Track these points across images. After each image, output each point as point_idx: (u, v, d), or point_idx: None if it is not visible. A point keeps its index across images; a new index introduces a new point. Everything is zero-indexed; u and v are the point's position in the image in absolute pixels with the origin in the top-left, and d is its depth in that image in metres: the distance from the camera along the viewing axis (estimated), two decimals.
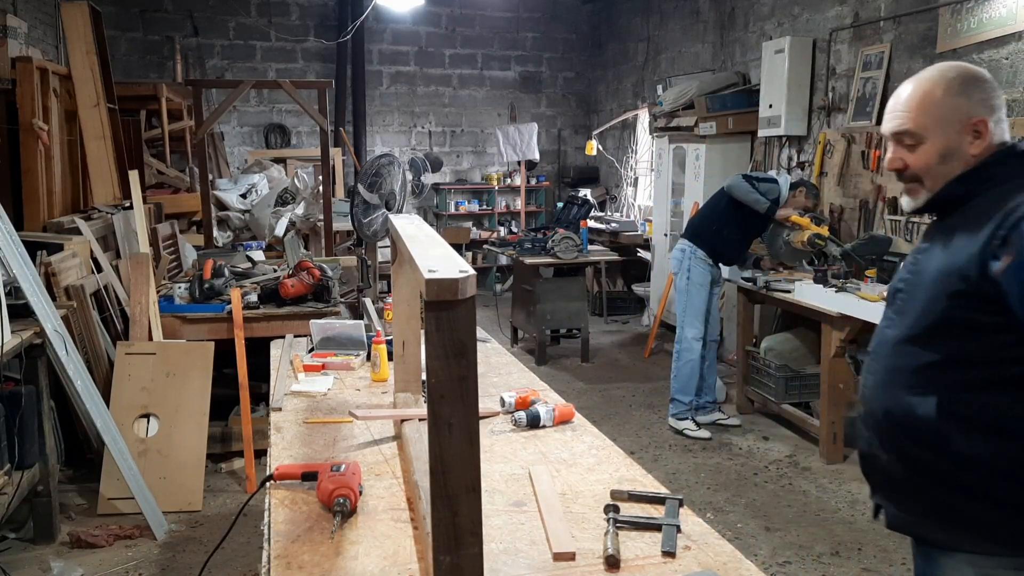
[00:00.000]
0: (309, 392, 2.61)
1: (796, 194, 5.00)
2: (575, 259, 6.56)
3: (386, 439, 2.19)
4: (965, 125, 1.57)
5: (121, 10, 8.51)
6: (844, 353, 4.46)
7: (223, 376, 4.43)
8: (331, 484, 1.72)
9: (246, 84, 5.97)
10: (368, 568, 1.50)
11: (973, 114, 1.57)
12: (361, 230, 4.38)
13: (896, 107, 1.64)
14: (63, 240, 4.29)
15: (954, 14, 4.59)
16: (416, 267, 1.32)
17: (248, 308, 4.35)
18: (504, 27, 10.06)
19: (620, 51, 9.52)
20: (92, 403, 3.61)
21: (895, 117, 1.63)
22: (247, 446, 4.12)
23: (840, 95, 5.64)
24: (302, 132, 9.45)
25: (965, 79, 1.59)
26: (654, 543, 1.60)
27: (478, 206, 10.01)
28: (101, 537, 3.53)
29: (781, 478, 4.34)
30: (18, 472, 3.31)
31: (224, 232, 6.69)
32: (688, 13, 7.89)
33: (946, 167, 1.59)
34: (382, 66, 9.69)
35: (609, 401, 5.70)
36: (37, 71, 4.68)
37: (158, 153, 7.23)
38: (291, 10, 9.27)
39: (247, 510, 2.43)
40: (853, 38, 5.52)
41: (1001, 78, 4.32)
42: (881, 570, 3.39)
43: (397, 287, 2.31)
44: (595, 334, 7.42)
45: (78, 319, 4.03)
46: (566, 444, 2.14)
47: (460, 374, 1.20)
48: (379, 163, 4.31)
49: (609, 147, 9.65)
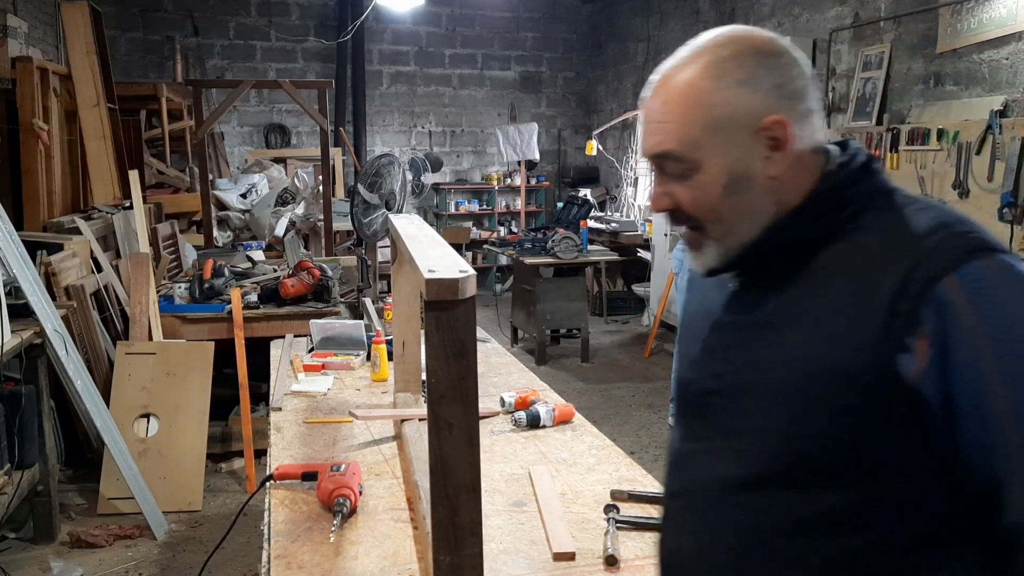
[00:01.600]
0: (309, 392, 2.61)
1: None
2: (575, 259, 6.56)
3: (386, 439, 2.19)
4: (754, 132, 0.97)
5: (121, 10, 8.50)
6: None
7: (223, 376, 4.43)
8: (331, 484, 1.72)
9: (246, 84, 5.97)
10: (368, 568, 1.50)
11: (764, 111, 0.97)
12: (361, 230, 4.38)
13: (651, 115, 1.03)
14: (63, 240, 4.29)
15: (954, 14, 4.59)
16: (416, 267, 1.32)
17: (248, 308, 4.35)
18: (504, 27, 10.06)
19: (620, 51, 9.52)
20: (92, 403, 3.61)
21: (652, 132, 1.02)
22: (247, 446, 4.12)
23: (840, 95, 5.64)
24: (302, 132, 9.45)
25: (745, 54, 0.98)
26: (654, 543, 1.60)
27: (478, 206, 10.01)
28: (101, 537, 3.53)
29: None
30: (18, 472, 3.31)
31: (224, 232, 6.69)
32: (688, 13, 7.89)
33: (738, 202, 0.99)
34: (382, 66, 9.68)
35: (609, 401, 5.70)
36: (37, 71, 4.68)
37: (158, 153, 7.23)
38: (291, 10, 9.27)
39: (247, 510, 2.43)
40: (853, 38, 5.52)
41: (1001, 78, 4.32)
42: None
43: (397, 287, 2.31)
44: (595, 334, 7.42)
45: (78, 319, 4.03)
46: (566, 444, 2.14)
47: (460, 374, 1.20)
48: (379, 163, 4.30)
49: (609, 147, 9.65)
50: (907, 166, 4.82)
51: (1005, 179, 4.13)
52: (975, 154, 4.32)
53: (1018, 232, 4.09)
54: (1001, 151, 4.16)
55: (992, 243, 0.91)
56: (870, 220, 0.96)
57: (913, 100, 4.95)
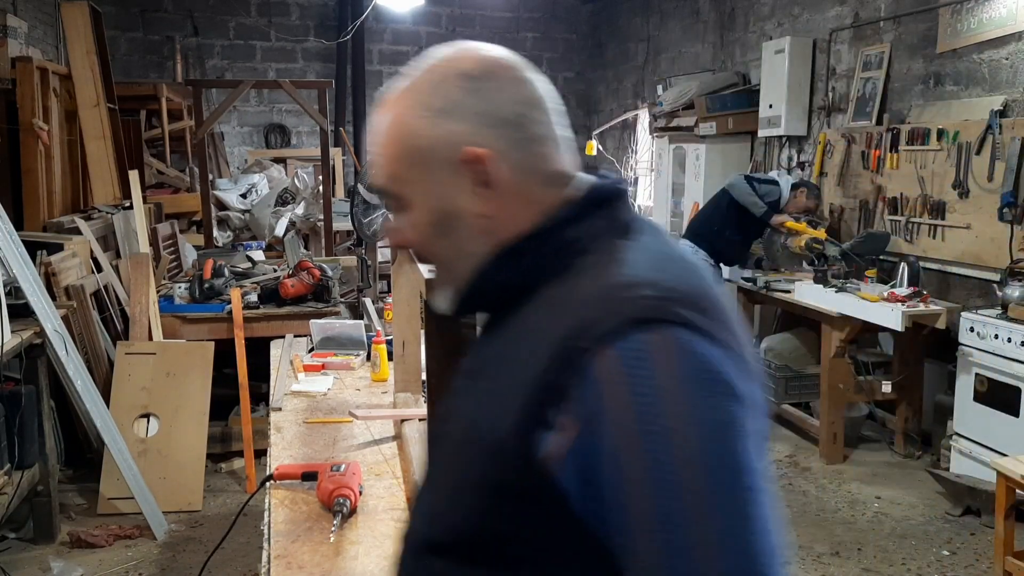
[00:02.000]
0: (309, 392, 2.61)
1: (797, 195, 5.00)
2: None
3: (386, 439, 2.19)
4: (456, 165, 0.85)
5: (121, 10, 8.50)
6: (844, 353, 4.46)
7: (223, 376, 4.43)
8: (331, 484, 1.72)
9: (246, 84, 5.97)
10: (368, 568, 1.50)
11: (466, 142, 0.84)
12: (361, 230, 4.38)
13: (371, 145, 0.92)
14: (63, 240, 4.29)
15: (954, 14, 4.59)
16: (416, 267, 1.32)
17: (248, 308, 4.35)
18: (504, 27, 10.06)
19: (620, 51, 9.52)
20: (92, 403, 3.61)
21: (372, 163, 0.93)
22: (247, 446, 4.12)
23: (840, 95, 5.64)
24: (302, 132, 9.45)
25: (448, 80, 0.86)
26: None
27: None
28: (101, 537, 3.53)
29: (781, 478, 4.34)
30: (18, 472, 3.31)
31: (224, 232, 6.69)
32: (688, 13, 7.89)
33: (449, 242, 0.88)
34: (382, 66, 9.68)
35: None
36: (37, 71, 4.68)
37: (158, 153, 7.24)
38: (291, 10, 9.27)
39: (247, 510, 2.43)
40: (853, 38, 5.52)
41: (1001, 78, 4.32)
42: (881, 570, 3.39)
43: (397, 287, 2.32)
44: None
45: (78, 319, 4.03)
46: None
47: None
48: None
49: (609, 147, 9.64)
50: (907, 166, 4.82)
51: (1005, 179, 4.13)
52: (975, 154, 4.32)
53: (1018, 232, 4.09)
54: (1001, 151, 4.16)
55: (672, 313, 0.74)
56: (586, 264, 0.82)
57: (913, 100, 4.95)
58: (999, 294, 3.91)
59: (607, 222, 0.86)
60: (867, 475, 4.34)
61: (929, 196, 4.66)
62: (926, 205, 4.67)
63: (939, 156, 4.57)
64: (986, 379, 3.82)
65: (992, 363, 3.78)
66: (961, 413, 4.00)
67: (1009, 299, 3.79)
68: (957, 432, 4.02)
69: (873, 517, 3.86)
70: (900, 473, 4.36)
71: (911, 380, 4.54)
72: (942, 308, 4.12)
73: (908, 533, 3.69)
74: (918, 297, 4.16)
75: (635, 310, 0.74)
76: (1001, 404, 3.74)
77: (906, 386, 4.53)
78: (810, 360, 4.99)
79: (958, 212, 4.46)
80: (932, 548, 3.55)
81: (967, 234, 4.41)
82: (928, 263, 4.62)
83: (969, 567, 3.40)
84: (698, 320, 0.74)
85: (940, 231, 4.60)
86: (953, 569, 3.39)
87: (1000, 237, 4.18)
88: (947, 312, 4.11)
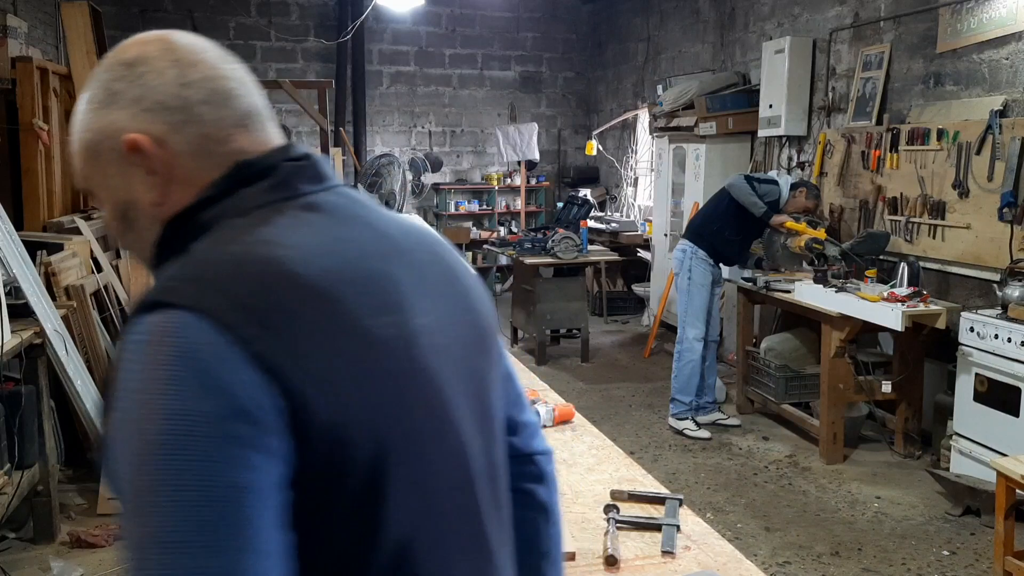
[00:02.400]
0: None
1: (797, 195, 5.00)
2: (575, 259, 6.56)
3: None
4: (123, 155, 0.84)
5: (121, 10, 8.51)
6: (844, 353, 4.46)
7: None
8: None
9: None
10: None
11: (126, 130, 0.83)
12: None
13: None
14: (63, 240, 4.29)
15: (954, 14, 4.59)
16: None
17: None
18: (504, 27, 10.06)
19: (620, 51, 9.52)
20: (92, 403, 3.61)
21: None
22: None
23: (840, 95, 5.64)
24: (302, 132, 9.45)
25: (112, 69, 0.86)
26: (654, 543, 1.60)
27: (478, 206, 10.01)
28: (101, 537, 3.53)
29: (781, 478, 4.34)
30: (18, 472, 3.31)
31: None
32: (688, 13, 7.89)
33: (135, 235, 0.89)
34: (382, 66, 9.68)
35: (609, 401, 5.70)
36: (37, 71, 4.68)
37: None
38: (291, 10, 9.28)
39: None
40: (853, 38, 5.52)
41: (1001, 78, 4.32)
42: (881, 570, 3.39)
43: None
44: (595, 334, 7.42)
45: (78, 319, 4.03)
46: (566, 444, 2.14)
47: None
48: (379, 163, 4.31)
49: (609, 147, 9.65)
50: (907, 166, 4.82)
51: (1005, 179, 4.13)
52: (975, 154, 4.32)
53: (1018, 232, 4.10)
54: (1001, 151, 4.16)
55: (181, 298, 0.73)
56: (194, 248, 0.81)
57: (913, 100, 4.95)
58: (999, 294, 3.91)
59: (237, 201, 0.83)
60: (867, 475, 4.34)
61: (929, 196, 4.66)
62: (926, 205, 4.67)
63: (939, 156, 4.57)
64: (986, 379, 3.82)
65: (992, 363, 3.78)
66: (961, 413, 4.00)
67: (1009, 299, 3.79)
68: (957, 432, 4.02)
69: (873, 517, 3.86)
70: (900, 473, 4.36)
71: (911, 380, 4.54)
72: (942, 308, 4.12)
73: (908, 533, 3.69)
74: (918, 297, 4.16)
75: (153, 295, 0.75)
76: (1001, 404, 3.74)
77: (906, 386, 4.53)
78: (810, 360, 4.99)
79: (958, 212, 4.47)
80: (932, 548, 3.55)
81: (967, 234, 4.41)
82: (928, 263, 4.62)
83: (969, 567, 3.40)
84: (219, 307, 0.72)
85: (940, 231, 4.61)
86: (953, 569, 3.39)
87: (1000, 237, 4.18)
88: (947, 312, 4.11)
